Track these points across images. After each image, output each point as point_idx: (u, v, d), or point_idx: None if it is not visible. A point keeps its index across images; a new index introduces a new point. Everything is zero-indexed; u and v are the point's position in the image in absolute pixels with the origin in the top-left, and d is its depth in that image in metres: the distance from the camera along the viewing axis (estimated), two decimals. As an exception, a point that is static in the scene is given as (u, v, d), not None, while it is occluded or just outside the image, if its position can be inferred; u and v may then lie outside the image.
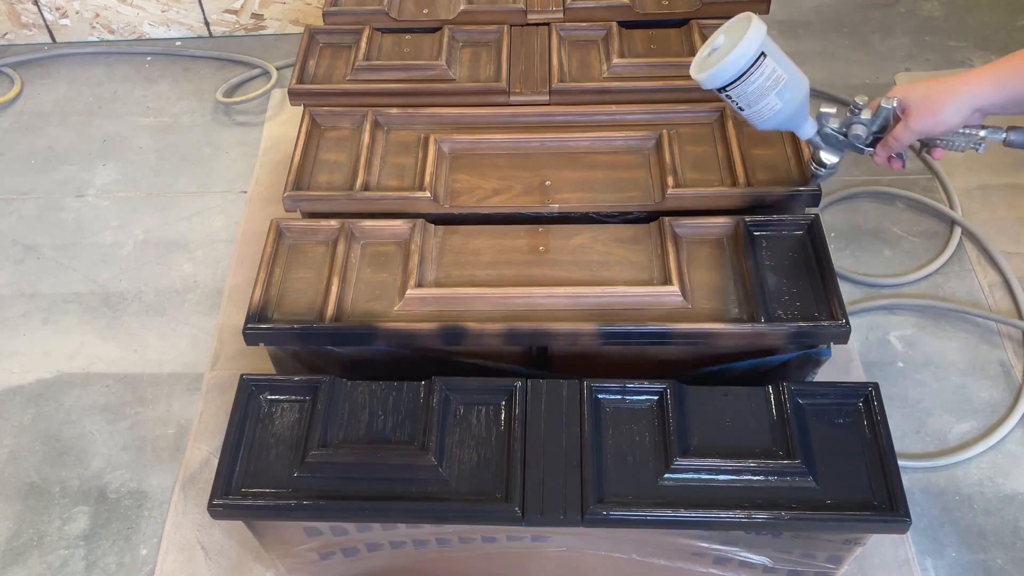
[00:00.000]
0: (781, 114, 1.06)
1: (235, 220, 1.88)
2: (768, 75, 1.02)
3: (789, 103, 1.05)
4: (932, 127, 1.01)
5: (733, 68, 1.01)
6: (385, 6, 1.67)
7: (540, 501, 1.07)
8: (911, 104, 1.02)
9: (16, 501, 1.46)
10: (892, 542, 1.35)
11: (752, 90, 1.03)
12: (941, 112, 1.00)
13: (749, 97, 1.04)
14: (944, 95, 1.00)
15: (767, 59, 1.02)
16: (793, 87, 1.05)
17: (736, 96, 1.04)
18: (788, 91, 1.04)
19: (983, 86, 0.98)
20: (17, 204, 1.94)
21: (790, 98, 1.05)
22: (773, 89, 1.03)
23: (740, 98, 1.04)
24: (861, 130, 1.08)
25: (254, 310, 1.24)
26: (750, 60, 1.01)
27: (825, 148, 1.12)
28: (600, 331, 1.21)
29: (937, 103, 1.00)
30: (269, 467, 1.12)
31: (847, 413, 1.14)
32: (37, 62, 2.27)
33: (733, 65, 1.01)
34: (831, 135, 1.11)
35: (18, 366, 1.64)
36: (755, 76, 1.02)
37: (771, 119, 1.07)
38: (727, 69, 1.01)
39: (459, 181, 1.41)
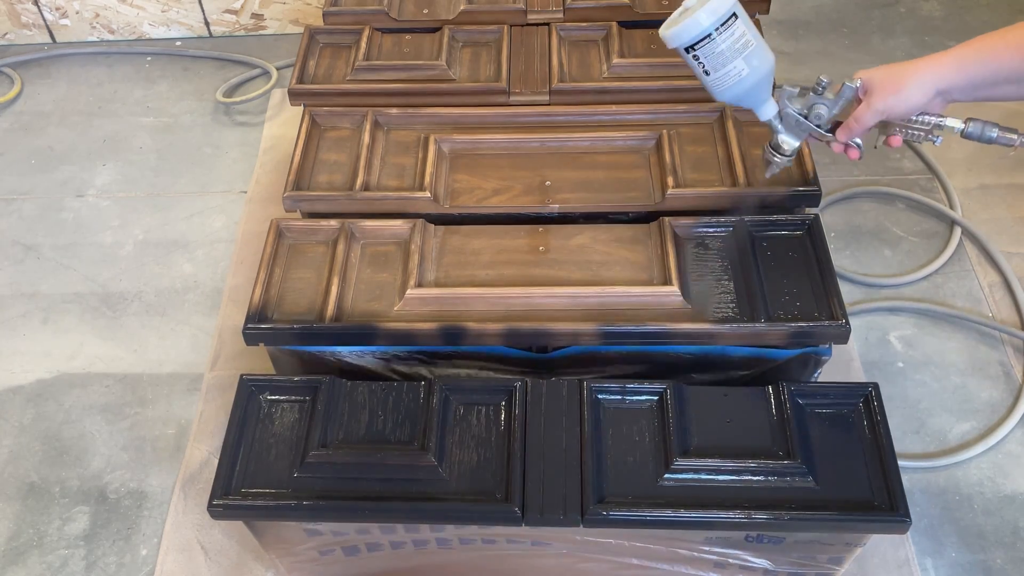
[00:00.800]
0: (746, 82, 1.03)
1: (235, 220, 1.88)
2: (738, 37, 1.00)
3: (756, 70, 1.03)
4: (894, 106, 1.01)
5: (705, 23, 0.99)
6: (385, 6, 1.67)
7: (540, 501, 1.07)
8: (874, 84, 1.02)
9: (16, 501, 1.46)
10: (892, 542, 1.35)
11: (721, 50, 1.01)
12: (904, 90, 1.00)
13: (716, 59, 1.01)
14: (907, 75, 1.00)
15: (738, 20, 1.00)
16: (760, 55, 1.03)
17: (703, 56, 1.01)
18: (756, 57, 1.02)
19: (945, 67, 0.98)
20: (17, 204, 1.94)
21: (757, 65, 1.02)
22: (741, 53, 1.01)
23: (707, 59, 1.01)
24: (823, 110, 1.06)
25: (254, 310, 1.24)
26: (722, 17, 0.99)
27: (784, 132, 1.10)
28: (600, 331, 1.21)
29: (900, 82, 1.00)
30: (269, 467, 1.12)
31: (847, 413, 1.14)
32: (37, 62, 2.27)
33: (705, 19, 0.98)
34: (792, 116, 1.08)
35: (18, 366, 1.64)
36: (725, 35, 1.00)
37: (735, 87, 1.04)
38: (699, 22, 0.99)
39: (459, 181, 1.41)
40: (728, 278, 1.26)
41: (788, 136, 1.11)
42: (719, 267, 1.27)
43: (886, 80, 1.01)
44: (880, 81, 1.01)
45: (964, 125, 1.02)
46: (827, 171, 1.88)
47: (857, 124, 1.04)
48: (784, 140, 1.11)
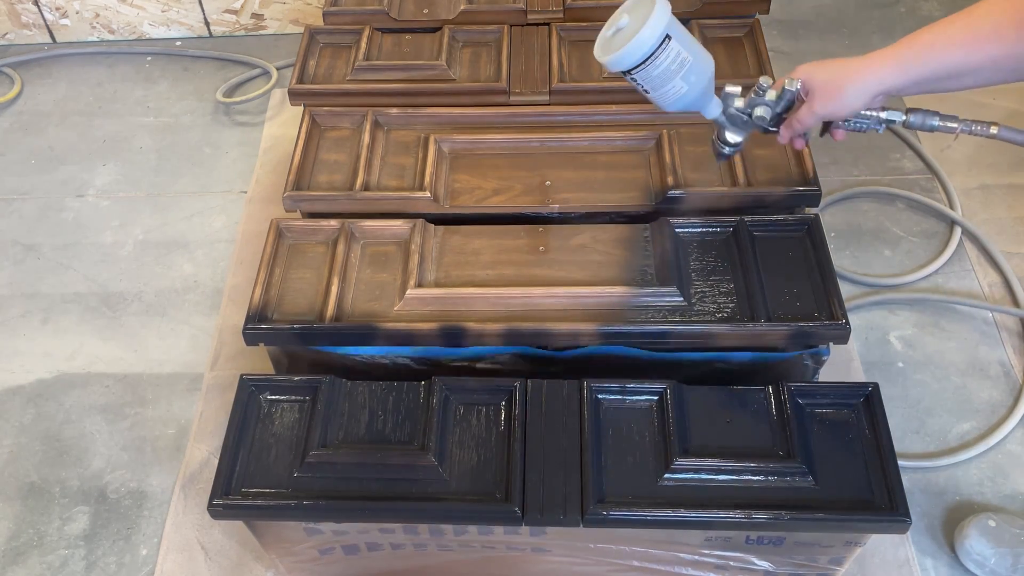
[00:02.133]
0: (687, 97, 1.03)
1: (235, 220, 1.88)
2: (673, 58, 0.99)
3: (695, 86, 1.02)
4: (834, 111, 1.01)
5: (637, 52, 0.97)
6: (385, 6, 1.67)
7: (540, 501, 1.07)
8: (814, 88, 1.02)
9: (16, 501, 1.46)
10: (892, 542, 1.35)
11: (658, 74, 1.00)
12: (844, 97, 1.00)
13: (654, 81, 1.01)
14: (847, 80, 0.99)
15: (672, 42, 0.98)
16: (699, 69, 1.02)
17: (641, 80, 1.01)
18: (693, 73, 1.01)
19: (886, 70, 0.98)
20: (17, 204, 1.94)
21: (695, 81, 1.02)
22: (678, 72, 1.00)
23: (645, 82, 1.01)
24: (765, 111, 1.06)
25: (254, 310, 1.24)
26: (654, 44, 0.97)
27: (730, 128, 1.11)
28: (600, 331, 1.21)
29: (840, 88, 1.00)
30: (269, 467, 1.12)
31: (847, 413, 1.14)
32: (37, 62, 2.27)
33: (637, 49, 0.97)
34: (736, 115, 1.09)
35: (18, 366, 1.64)
36: (660, 60, 0.98)
37: (677, 102, 1.04)
38: (631, 53, 0.97)
39: (459, 181, 1.41)
40: (728, 278, 1.26)
41: (733, 133, 1.12)
42: (719, 267, 1.27)
43: (825, 86, 1.00)
44: (820, 85, 1.01)
45: (905, 116, 1.03)
46: (827, 171, 1.88)
47: (799, 125, 1.04)
48: (730, 136, 1.12)
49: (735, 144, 1.12)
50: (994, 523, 1.30)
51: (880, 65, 0.98)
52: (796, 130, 1.05)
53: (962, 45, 0.93)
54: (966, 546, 1.30)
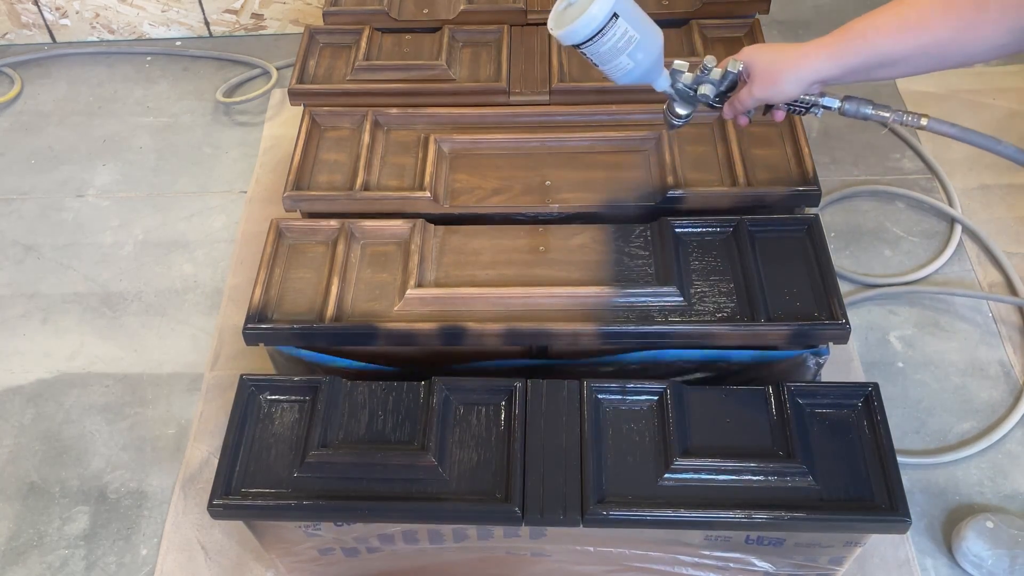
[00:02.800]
0: (634, 73, 1.08)
1: (235, 220, 1.88)
2: (620, 36, 1.04)
3: (641, 63, 1.07)
4: (772, 96, 1.06)
5: (586, 29, 1.03)
6: (385, 6, 1.67)
7: (540, 501, 1.07)
8: (755, 72, 1.06)
9: (16, 501, 1.46)
10: (892, 542, 1.35)
11: (605, 50, 1.05)
12: (781, 83, 1.04)
13: (602, 56, 1.06)
14: (785, 68, 1.03)
15: (619, 20, 1.04)
16: (646, 46, 1.07)
17: (590, 54, 1.07)
18: (640, 51, 1.07)
19: (820, 60, 1.02)
20: (17, 204, 1.94)
21: (642, 59, 1.07)
22: (625, 50, 1.05)
23: (594, 56, 1.07)
24: (709, 89, 1.11)
25: (254, 310, 1.24)
26: (601, 23, 1.02)
27: (678, 102, 1.16)
28: (600, 331, 1.21)
29: (778, 75, 1.04)
30: (269, 467, 1.12)
31: (847, 413, 1.14)
32: (37, 62, 2.27)
33: (586, 27, 1.02)
34: (683, 90, 1.14)
35: (18, 366, 1.64)
36: (607, 37, 1.04)
37: (625, 76, 1.09)
38: (580, 30, 1.03)
39: (459, 181, 1.41)
40: (728, 278, 1.26)
41: (681, 105, 1.16)
42: (719, 267, 1.27)
43: (764, 71, 1.05)
44: (760, 72, 1.05)
45: (841, 103, 1.07)
46: (827, 171, 1.88)
47: (741, 104, 1.09)
48: (679, 108, 1.16)
49: (684, 116, 1.17)
50: (992, 524, 1.30)
51: (815, 55, 1.02)
52: (738, 109, 1.10)
53: (891, 34, 0.97)
54: (963, 548, 1.30)
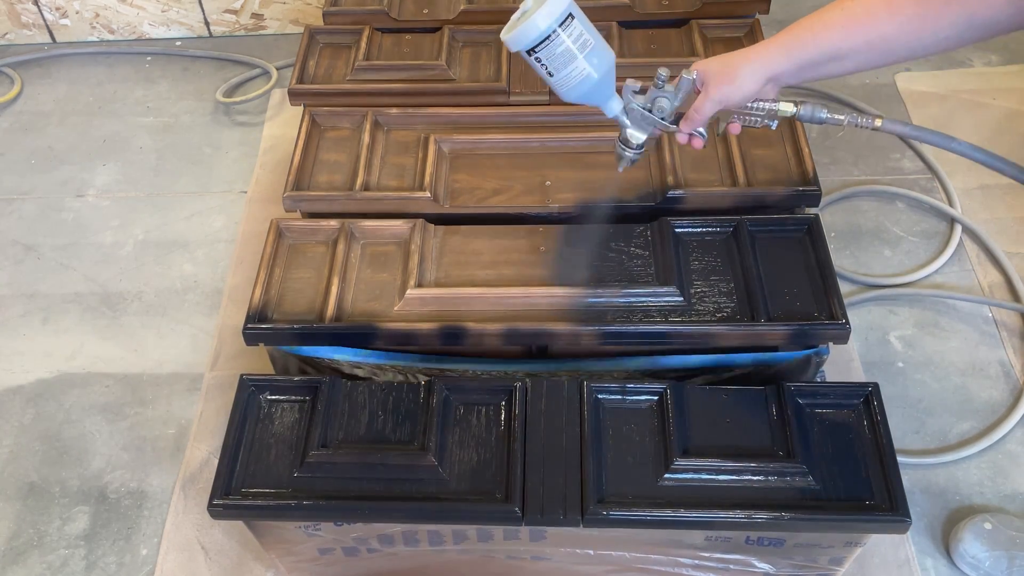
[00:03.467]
0: (588, 81, 1.06)
1: (235, 220, 1.88)
2: (576, 37, 1.03)
3: (597, 68, 1.06)
4: (730, 95, 1.05)
5: (543, 25, 1.01)
6: (385, 6, 1.67)
7: (540, 501, 1.07)
8: (709, 75, 1.06)
9: (16, 501, 1.46)
10: (892, 542, 1.35)
11: (561, 51, 1.03)
12: (737, 79, 1.04)
13: (558, 60, 1.04)
14: (739, 64, 1.04)
15: (575, 20, 1.03)
16: (601, 53, 1.06)
17: (545, 58, 1.04)
18: (596, 56, 1.05)
19: (773, 55, 1.03)
20: (17, 204, 1.94)
21: (598, 63, 1.05)
22: (582, 52, 1.04)
23: (549, 60, 1.04)
24: (665, 103, 1.10)
25: (254, 310, 1.24)
26: (559, 19, 1.01)
27: (631, 126, 1.14)
28: (600, 331, 1.21)
29: (733, 71, 1.04)
30: (269, 467, 1.12)
31: (847, 413, 1.14)
32: (37, 62, 2.27)
33: (543, 22, 1.01)
34: (636, 111, 1.12)
35: (18, 366, 1.64)
36: (564, 36, 1.02)
37: (579, 86, 1.07)
38: (536, 26, 1.01)
39: (459, 181, 1.41)
40: (728, 278, 1.26)
41: (635, 130, 1.14)
42: (719, 267, 1.27)
43: (720, 72, 1.05)
44: (715, 73, 1.06)
45: (796, 108, 1.07)
46: (827, 171, 1.88)
47: (698, 114, 1.08)
48: (632, 134, 1.15)
49: (638, 146, 1.15)
50: (990, 525, 1.30)
51: (767, 51, 1.03)
52: (695, 120, 1.09)
53: (839, 28, 0.98)
54: (960, 549, 1.30)
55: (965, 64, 2.13)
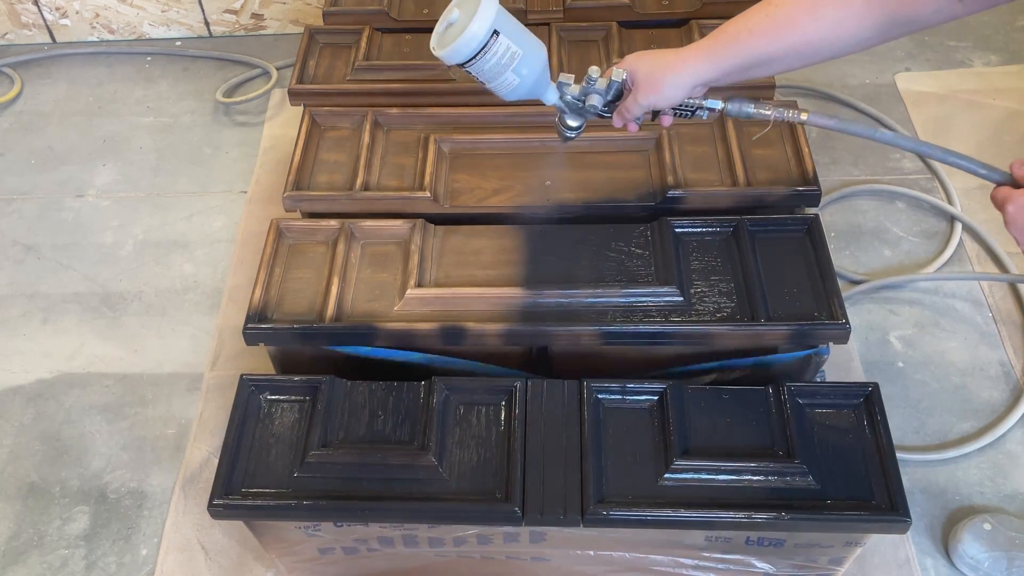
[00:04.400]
0: (520, 88, 1.09)
1: (235, 220, 1.88)
2: (503, 52, 1.04)
3: (526, 79, 1.08)
4: (656, 102, 1.07)
5: (466, 49, 1.02)
6: (385, 6, 1.67)
7: (540, 501, 1.07)
8: (638, 79, 1.07)
9: (16, 501, 1.46)
10: (892, 542, 1.35)
11: (489, 67, 1.05)
12: (663, 89, 1.05)
13: (487, 73, 1.06)
14: (665, 74, 1.05)
15: (500, 37, 1.03)
16: (530, 61, 1.07)
17: (475, 72, 1.06)
18: (525, 66, 1.07)
19: (698, 64, 1.04)
20: (17, 204, 1.94)
21: (527, 74, 1.07)
22: (509, 66, 1.06)
23: (480, 74, 1.07)
24: (596, 100, 1.12)
25: (254, 310, 1.24)
26: (483, 41, 1.02)
27: (569, 114, 1.17)
28: (600, 331, 1.21)
29: (660, 81, 1.05)
30: (269, 467, 1.12)
31: (847, 413, 1.14)
32: (37, 62, 2.27)
33: (466, 46, 1.02)
34: (572, 102, 1.14)
35: (18, 366, 1.64)
36: (490, 55, 1.04)
37: (512, 93, 1.10)
38: (460, 50, 1.03)
39: (459, 181, 1.41)
40: (728, 278, 1.26)
41: (572, 117, 1.17)
42: (719, 267, 1.27)
43: (647, 78, 1.06)
44: (643, 79, 1.07)
45: (724, 104, 1.08)
46: (827, 171, 1.88)
47: (627, 112, 1.11)
48: (570, 120, 1.17)
49: (576, 127, 1.18)
50: (990, 526, 1.30)
51: (693, 60, 1.04)
52: (626, 117, 1.11)
53: (763, 35, 0.99)
54: (959, 550, 1.30)
55: (965, 64, 2.13)
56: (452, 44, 1.02)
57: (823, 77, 2.10)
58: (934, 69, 2.12)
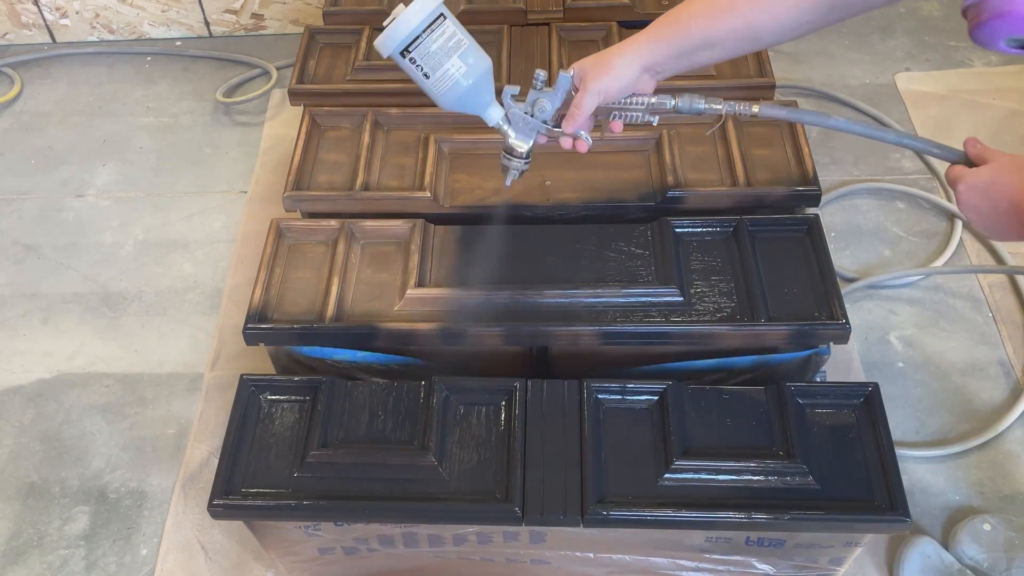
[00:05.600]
0: (464, 82, 1.05)
1: (235, 220, 1.88)
2: (449, 36, 1.03)
3: (473, 69, 1.05)
4: (608, 86, 1.06)
5: (413, 23, 1.00)
6: (385, 6, 1.67)
7: (540, 501, 1.07)
8: (586, 70, 1.07)
9: (16, 501, 1.46)
10: (892, 542, 1.35)
11: (434, 50, 1.02)
12: (613, 69, 1.05)
13: (432, 59, 1.03)
14: (613, 56, 1.06)
15: (447, 20, 1.03)
16: (475, 53, 1.05)
17: (419, 58, 1.03)
18: (471, 55, 1.04)
19: (643, 45, 1.05)
20: (17, 204, 1.94)
21: (473, 63, 1.05)
22: (456, 51, 1.03)
23: (423, 60, 1.03)
24: (546, 104, 1.09)
25: (254, 310, 1.24)
26: (429, 17, 1.01)
27: (514, 135, 1.13)
28: (600, 331, 1.21)
29: (608, 63, 1.05)
30: (269, 467, 1.12)
31: (847, 413, 1.14)
32: (37, 62, 2.27)
33: (413, 19, 1.00)
34: (518, 115, 1.11)
35: (18, 366, 1.64)
36: (436, 35, 1.02)
37: (454, 88, 1.05)
38: (408, 23, 1.00)
39: (459, 181, 1.41)
40: (728, 278, 1.26)
41: (519, 138, 1.14)
42: (719, 267, 1.27)
43: (596, 65, 1.06)
44: (591, 66, 1.07)
45: (675, 100, 1.08)
46: (827, 171, 1.88)
47: (579, 110, 1.08)
48: (516, 143, 1.14)
49: (523, 155, 1.14)
50: (989, 526, 1.30)
51: (638, 43, 1.05)
52: (577, 118, 1.08)
53: (705, 19, 1.01)
54: (958, 551, 1.30)
55: (965, 64, 2.13)
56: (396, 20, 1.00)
57: (823, 77, 2.10)
58: (934, 69, 2.12)
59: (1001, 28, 0.86)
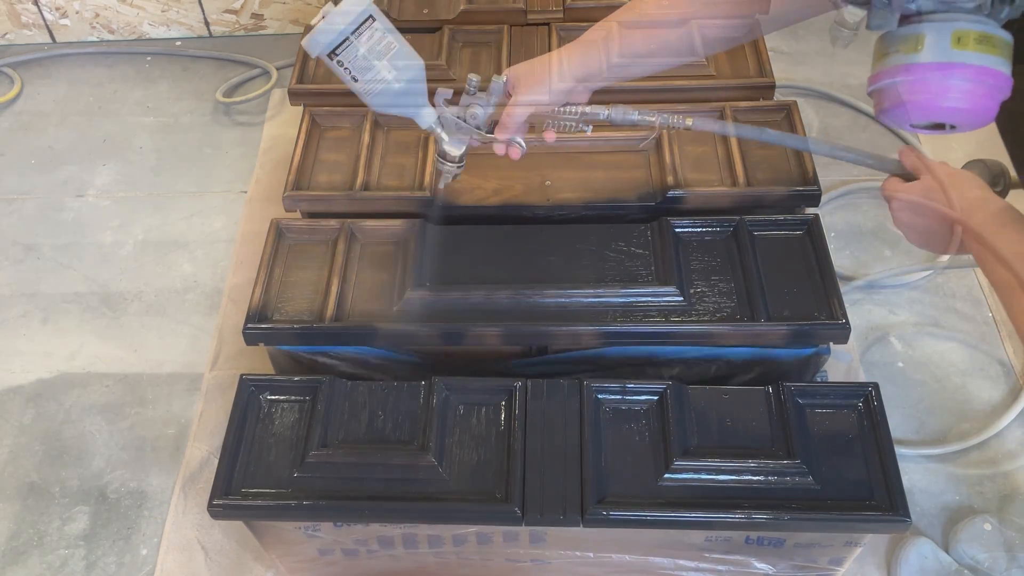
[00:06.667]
0: (394, 86, 1.03)
1: (235, 220, 1.88)
2: (378, 39, 0.99)
3: (404, 72, 1.02)
4: (539, 95, 1.05)
5: (340, 25, 0.97)
6: (385, 6, 1.67)
7: (540, 501, 1.07)
8: (518, 78, 1.06)
9: (16, 501, 1.46)
10: (892, 542, 1.35)
11: (362, 53, 0.99)
12: (545, 82, 1.04)
13: (360, 62, 1.00)
14: (544, 66, 1.05)
15: (376, 22, 0.99)
16: (405, 57, 1.02)
17: (347, 62, 1.00)
18: (401, 59, 1.02)
19: (575, 57, 1.04)
20: (17, 204, 1.94)
21: (403, 67, 1.02)
22: (384, 55, 1.00)
23: (352, 64, 1.00)
24: (478, 110, 1.08)
25: (254, 310, 1.24)
26: (356, 19, 0.97)
27: (447, 140, 1.12)
28: (600, 331, 1.21)
29: (540, 72, 1.05)
30: (269, 467, 1.12)
31: (847, 413, 1.14)
32: (37, 62, 2.27)
33: (340, 22, 0.97)
34: (450, 119, 1.10)
35: (18, 366, 1.64)
36: (364, 38, 0.98)
37: (384, 91, 1.03)
38: (333, 26, 0.97)
39: (459, 181, 1.40)
40: (728, 278, 1.26)
41: (452, 142, 1.13)
42: (719, 267, 1.27)
43: (528, 74, 1.06)
44: (523, 75, 1.06)
45: (608, 111, 1.06)
46: (827, 171, 1.87)
47: (510, 119, 1.07)
48: (448, 148, 1.13)
49: (456, 159, 1.14)
50: (989, 526, 1.30)
51: (571, 55, 1.05)
52: (509, 125, 1.07)
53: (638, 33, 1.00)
54: (959, 551, 1.30)
55: (965, 64, 2.13)
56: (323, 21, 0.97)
57: (823, 77, 2.10)
58: (934, 69, 2.12)
59: (902, 116, 0.87)
